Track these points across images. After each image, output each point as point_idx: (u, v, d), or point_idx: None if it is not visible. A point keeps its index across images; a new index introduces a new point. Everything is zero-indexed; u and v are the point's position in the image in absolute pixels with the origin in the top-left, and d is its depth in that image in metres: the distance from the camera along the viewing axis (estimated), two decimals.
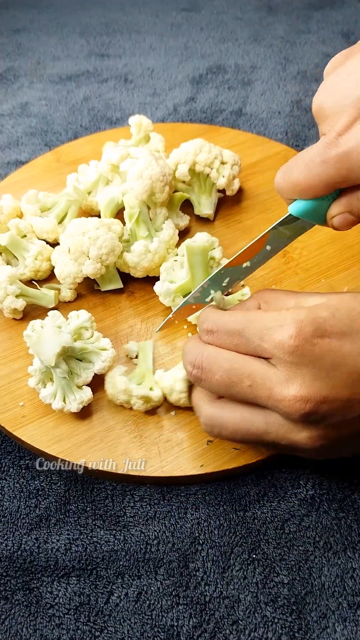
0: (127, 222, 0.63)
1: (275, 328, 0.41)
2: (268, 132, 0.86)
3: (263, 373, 0.42)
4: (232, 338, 0.44)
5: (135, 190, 0.61)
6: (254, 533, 0.49)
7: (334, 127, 0.41)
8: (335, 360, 0.40)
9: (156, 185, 0.61)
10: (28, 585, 0.47)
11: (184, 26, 1.10)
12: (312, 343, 0.40)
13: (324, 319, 0.41)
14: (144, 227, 0.62)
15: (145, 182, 0.61)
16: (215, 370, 0.44)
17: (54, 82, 0.98)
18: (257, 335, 0.42)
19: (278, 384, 0.41)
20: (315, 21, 1.10)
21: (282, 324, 0.41)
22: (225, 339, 0.44)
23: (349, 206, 0.43)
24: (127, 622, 0.45)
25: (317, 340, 0.40)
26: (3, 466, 0.54)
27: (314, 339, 0.40)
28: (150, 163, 0.61)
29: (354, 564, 0.47)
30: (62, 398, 0.53)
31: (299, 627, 0.45)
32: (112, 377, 0.53)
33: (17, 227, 0.65)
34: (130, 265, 0.62)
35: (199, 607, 0.46)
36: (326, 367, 0.40)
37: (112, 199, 0.64)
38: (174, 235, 0.63)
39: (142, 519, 0.50)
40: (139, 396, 0.52)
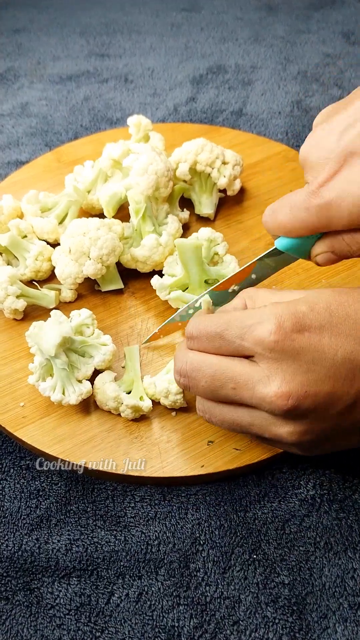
0: (132, 217, 0.63)
1: (255, 325, 0.41)
2: (268, 132, 0.86)
3: (245, 373, 0.42)
4: (213, 341, 0.44)
5: (141, 185, 0.61)
6: (254, 533, 0.49)
7: (316, 179, 0.44)
8: (315, 355, 0.41)
9: (161, 180, 0.61)
10: (29, 586, 0.47)
11: (184, 26, 1.10)
12: (291, 338, 0.40)
13: (303, 313, 0.41)
14: (150, 222, 0.62)
15: (151, 177, 0.61)
16: (200, 377, 0.44)
17: (54, 82, 0.98)
18: (237, 335, 0.42)
19: (260, 382, 0.41)
20: (316, 21, 1.10)
21: (261, 320, 0.41)
22: (207, 343, 0.44)
23: (331, 247, 0.46)
24: (128, 623, 0.45)
25: (297, 335, 0.41)
26: (4, 467, 0.54)
27: (294, 333, 0.40)
28: (154, 158, 0.62)
29: (354, 564, 0.47)
30: (62, 390, 0.53)
31: (300, 627, 0.45)
32: (102, 383, 0.53)
33: (18, 227, 0.65)
34: (140, 259, 0.62)
35: (199, 608, 0.46)
36: (307, 362, 0.40)
37: (114, 194, 0.64)
38: (179, 228, 0.63)
39: (143, 520, 0.50)
40: (129, 405, 0.52)
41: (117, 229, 0.62)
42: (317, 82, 0.95)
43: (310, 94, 0.93)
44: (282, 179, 0.75)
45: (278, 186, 0.74)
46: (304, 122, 0.87)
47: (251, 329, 0.42)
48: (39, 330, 0.52)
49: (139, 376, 0.56)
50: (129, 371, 0.56)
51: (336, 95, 0.92)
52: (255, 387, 0.42)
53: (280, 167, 0.77)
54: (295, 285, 0.64)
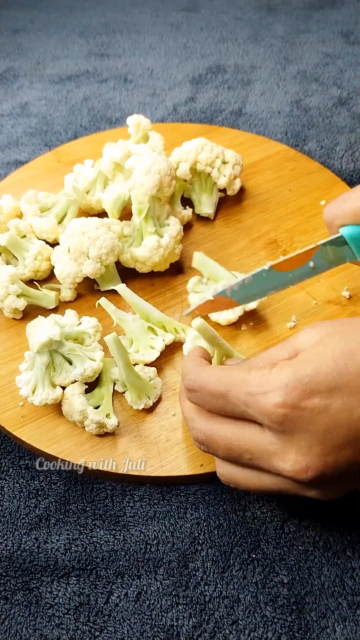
0: (135, 217, 0.63)
1: (259, 395, 0.39)
2: (268, 132, 0.86)
3: (259, 446, 0.40)
4: (216, 401, 0.42)
5: (145, 185, 0.61)
6: (253, 533, 0.49)
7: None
8: (328, 422, 0.38)
9: (164, 179, 0.61)
10: (28, 585, 0.47)
11: (183, 26, 1.10)
12: (300, 408, 0.38)
13: (309, 378, 0.38)
14: (152, 223, 0.62)
15: (155, 177, 0.61)
16: (216, 447, 0.42)
17: (54, 82, 0.98)
18: (241, 400, 0.40)
19: (275, 455, 0.39)
20: (315, 21, 1.10)
21: (266, 390, 0.38)
22: (209, 400, 0.42)
23: None
24: (127, 622, 0.45)
25: (305, 402, 0.38)
26: (3, 466, 0.54)
27: (302, 402, 0.38)
28: (156, 158, 0.62)
29: (353, 563, 0.47)
30: (33, 388, 0.53)
31: (299, 626, 0.45)
32: (71, 394, 0.53)
33: (17, 227, 0.65)
34: (139, 259, 0.62)
35: (198, 607, 0.46)
36: (320, 431, 0.38)
37: (118, 197, 0.64)
38: (180, 230, 0.63)
39: (142, 519, 0.50)
40: (94, 420, 0.51)
41: (116, 228, 0.62)
42: (316, 82, 0.95)
43: (309, 94, 0.93)
44: (281, 179, 0.75)
45: (277, 186, 0.74)
46: (304, 121, 0.87)
47: (256, 399, 0.39)
48: (35, 324, 0.52)
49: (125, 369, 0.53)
50: (102, 385, 0.55)
51: (335, 95, 0.92)
52: (271, 461, 0.39)
53: (279, 166, 0.77)
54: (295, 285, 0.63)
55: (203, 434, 0.43)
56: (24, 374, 0.53)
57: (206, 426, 0.43)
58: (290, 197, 0.73)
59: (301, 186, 0.74)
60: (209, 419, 0.43)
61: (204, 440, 0.43)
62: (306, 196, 0.73)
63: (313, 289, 0.63)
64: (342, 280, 0.64)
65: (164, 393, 0.56)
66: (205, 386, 0.42)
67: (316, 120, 0.88)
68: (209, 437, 0.43)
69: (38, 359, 0.52)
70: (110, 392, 0.55)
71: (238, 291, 0.51)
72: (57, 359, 0.53)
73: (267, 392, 0.39)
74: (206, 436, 0.43)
